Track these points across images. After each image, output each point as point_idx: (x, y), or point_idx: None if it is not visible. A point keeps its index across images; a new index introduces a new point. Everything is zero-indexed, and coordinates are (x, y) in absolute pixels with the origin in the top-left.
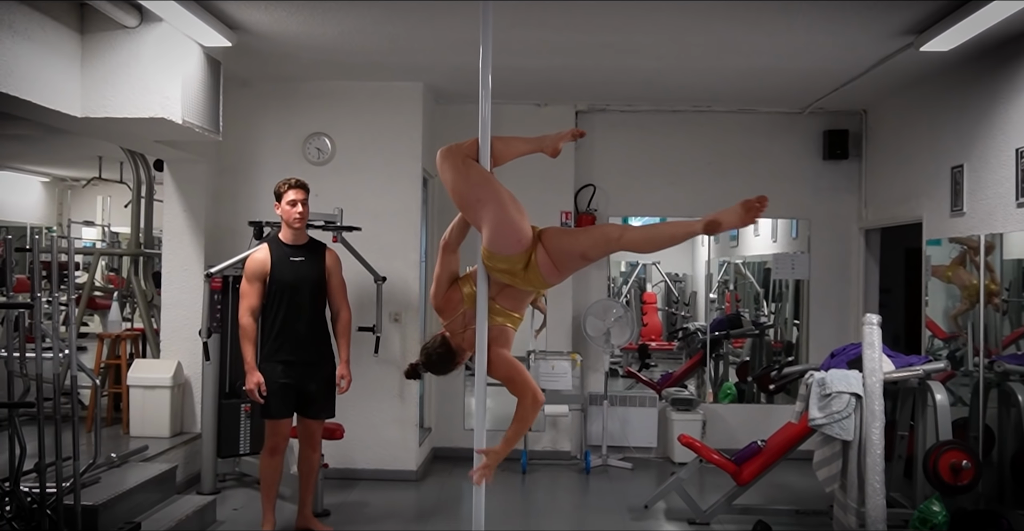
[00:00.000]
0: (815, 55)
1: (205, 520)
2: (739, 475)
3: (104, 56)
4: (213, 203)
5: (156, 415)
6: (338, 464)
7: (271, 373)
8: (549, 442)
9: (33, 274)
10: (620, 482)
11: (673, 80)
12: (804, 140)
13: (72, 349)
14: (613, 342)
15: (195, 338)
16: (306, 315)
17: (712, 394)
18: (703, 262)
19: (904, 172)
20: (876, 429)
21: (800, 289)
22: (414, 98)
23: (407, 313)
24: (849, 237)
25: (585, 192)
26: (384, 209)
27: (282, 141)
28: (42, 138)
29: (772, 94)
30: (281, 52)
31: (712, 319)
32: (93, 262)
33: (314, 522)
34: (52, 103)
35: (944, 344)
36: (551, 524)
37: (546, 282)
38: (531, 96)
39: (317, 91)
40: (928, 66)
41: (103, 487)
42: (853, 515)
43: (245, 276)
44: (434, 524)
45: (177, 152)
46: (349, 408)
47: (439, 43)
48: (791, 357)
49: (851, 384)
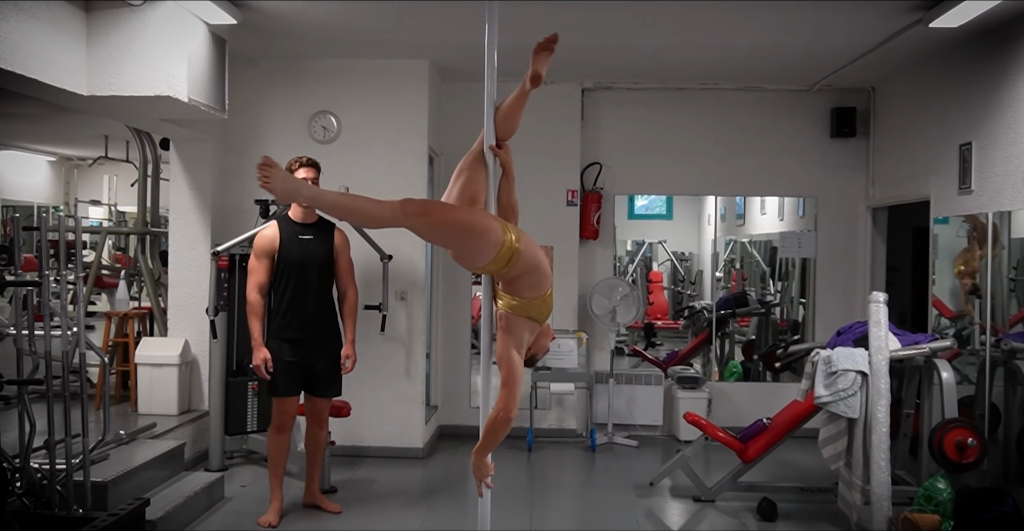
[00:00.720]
0: (823, 32)
1: (213, 496)
2: (744, 453)
3: (109, 34)
4: (219, 182)
5: (164, 393)
6: (345, 442)
7: (278, 351)
8: (555, 420)
9: (41, 253)
10: (625, 460)
11: (680, 58)
12: (811, 118)
13: (80, 327)
14: (619, 320)
15: (202, 316)
16: (314, 293)
17: (718, 372)
18: (709, 241)
19: (912, 150)
20: (882, 407)
21: (806, 268)
22: (420, 76)
23: (413, 291)
24: (856, 215)
25: (591, 170)
26: (390, 187)
27: (288, 119)
28: (48, 117)
29: (779, 72)
30: (287, 30)
31: (718, 298)
32: (100, 241)
33: (321, 499)
34: (58, 81)
35: (951, 323)
36: (557, 501)
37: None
38: None
39: (323, 69)
40: (937, 43)
41: (112, 464)
42: (858, 492)
43: (254, 253)
44: (440, 501)
45: (183, 131)
46: (356, 386)
47: (445, 21)
48: (797, 335)
49: (857, 362)
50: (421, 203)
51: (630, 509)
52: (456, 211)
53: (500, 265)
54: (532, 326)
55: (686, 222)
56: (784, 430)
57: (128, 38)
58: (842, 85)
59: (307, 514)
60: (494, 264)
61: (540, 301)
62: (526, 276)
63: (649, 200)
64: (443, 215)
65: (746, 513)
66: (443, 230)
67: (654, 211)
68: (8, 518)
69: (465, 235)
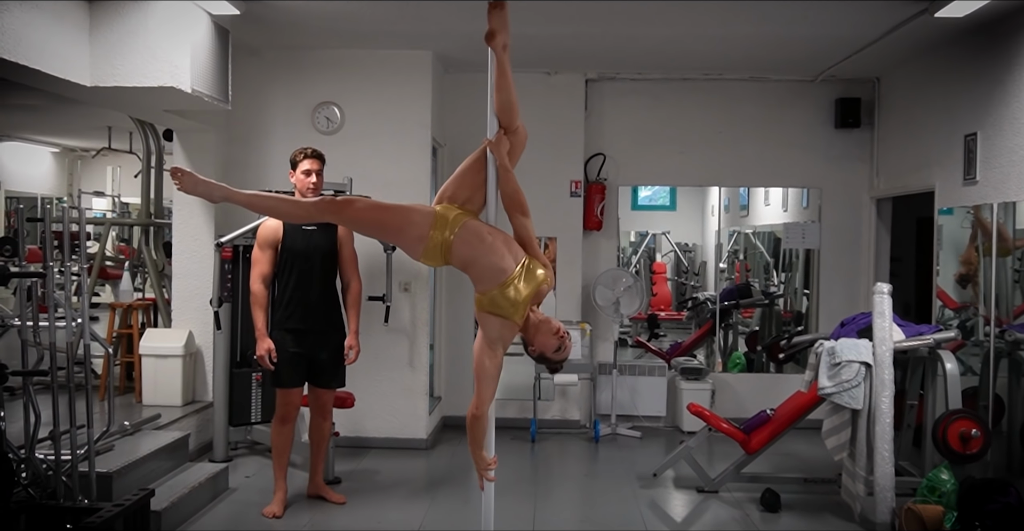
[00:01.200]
0: (828, 22)
1: (218, 487)
2: (748, 443)
3: (112, 24)
4: (223, 172)
5: (168, 384)
6: (349, 432)
7: (282, 342)
8: (558, 411)
9: (45, 244)
10: (629, 450)
11: (684, 48)
12: (816, 108)
13: (85, 318)
14: (622, 311)
15: (206, 307)
16: (317, 284)
17: (721, 363)
18: (713, 232)
19: (917, 140)
20: (886, 398)
21: (810, 259)
22: (423, 67)
23: (417, 282)
24: (860, 206)
25: (595, 161)
26: (393, 178)
27: (291, 110)
28: (51, 108)
29: (784, 62)
30: (289, 20)
31: (722, 289)
32: (104, 232)
33: (325, 489)
34: (61, 72)
35: (955, 314)
36: (560, 492)
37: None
38: (540, 64)
39: (326, 60)
40: (942, 33)
41: (117, 454)
42: (862, 483)
43: (257, 243)
44: (444, 492)
45: (186, 121)
46: (360, 377)
47: (448, 11)
48: (800, 327)
49: (861, 353)
50: (333, 201)
51: (633, 500)
52: (373, 208)
53: (435, 259)
54: (501, 322)
55: (689, 213)
56: (787, 421)
57: (131, 29)
58: (847, 75)
59: (311, 505)
60: (428, 258)
61: (499, 295)
62: (471, 269)
63: (652, 191)
64: (356, 212)
65: (749, 504)
66: (360, 225)
67: (657, 202)
68: (14, 509)
69: (380, 230)
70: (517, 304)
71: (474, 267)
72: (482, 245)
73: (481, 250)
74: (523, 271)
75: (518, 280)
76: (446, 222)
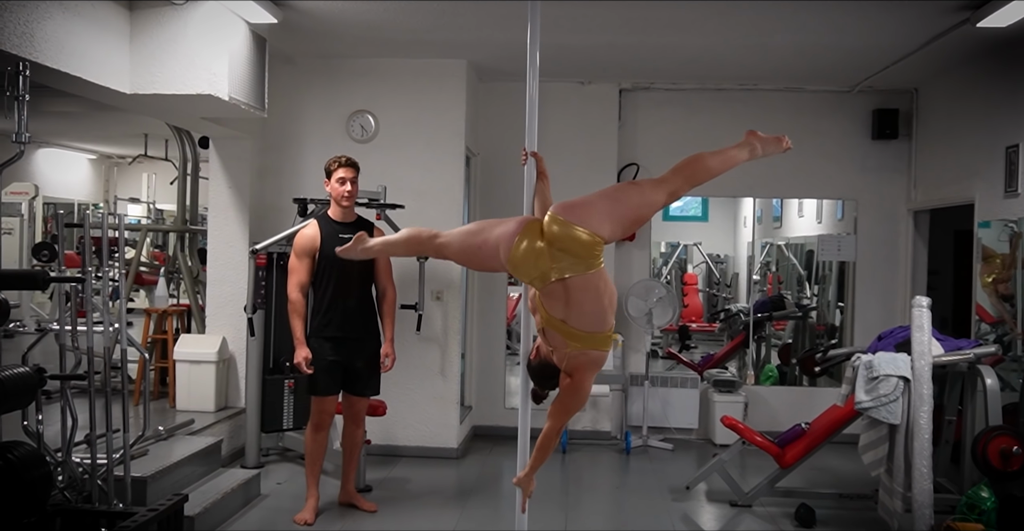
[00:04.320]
0: (866, 32)
1: (250, 493)
2: (782, 457)
3: (152, 32)
4: (258, 180)
5: (202, 389)
6: (380, 441)
7: (320, 350)
8: (589, 422)
9: (84, 249)
10: (660, 463)
11: (719, 58)
12: (852, 119)
13: (122, 323)
14: (655, 323)
15: (240, 314)
16: (354, 292)
17: (753, 376)
18: (745, 243)
19: (956, 152)
20: (924, 413)
21: (844, 271)
22: (458, 75)
23: (449, 291)
24: (897, 218)
25: (628, 171)
26: (427, 187)
27: (326, 118)
28: (89, 115)
29: (820, 72)
30: (326, 29)
31: (755, 301)
32: (140, 238)
33: (357, 497)
34: (102, 80)
35: (991, 328)
36: (591, 504)
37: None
38: (575, 74)
39: (361, 68)
40: (984, 43)
41: (151, 459)
42: (899, 499)
43: (294, 252)
44: (475, 502)
45: (222, 129)
46: (391, 385)
47: (484, 20)
48: (834, 340)
49: (899, 367)
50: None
51: (665, 513)
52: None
53: (527, 267)
54: (599, 354)
55: (721, 224)
56: (823, 435)
57: (170, 37)
58: (884, 86)
59: (343, 512)
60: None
61: (605, 339)
62: (584, 304)
63: (684, 202)
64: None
65: (784, 519)
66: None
67: (689, 213)
68: (50, 511)
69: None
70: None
71: (607, 294)
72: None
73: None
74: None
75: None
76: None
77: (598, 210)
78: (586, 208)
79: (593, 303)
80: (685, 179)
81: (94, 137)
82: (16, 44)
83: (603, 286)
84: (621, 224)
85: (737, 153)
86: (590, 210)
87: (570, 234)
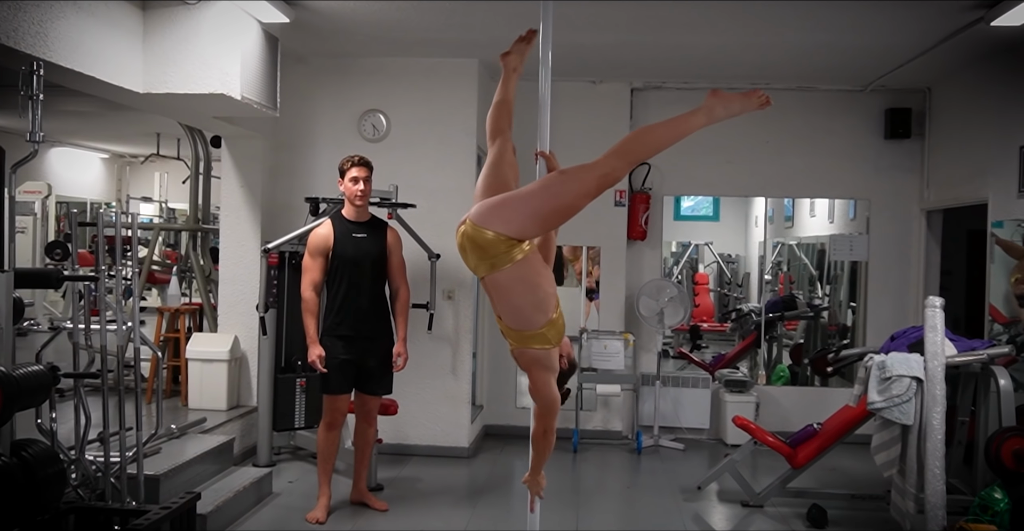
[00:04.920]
0: (879, 31)
1: (262, 491)
2: (794, 458)
3: (165, 31)
4: (269, 179)
5: (213, 388)
6: (391, 440)
7: (332, 349)
8: (600, 421)
9: (97, 248)
10: (672, 463)
11: (731, 57)
12: (865, 118)
13: (135, 322)
14: (666, 322)
15: (252, 313)
16: (367, 291)
17: (765, 376)
18: (756, 243)
19: (969, 152)
20: (937, 414)
21: (856, 271)
22: (469, 75)
23: (461, 290)
24: (910, 218)
25: (640, 170)
26: (438, 186)
27: (337, 117)
28: (102, 114)
29: (833, 72)
30: (337, 28)
31: (767, 300)
32: (152, 237)
33: (368, 496)
34: (115, 79)
35: (1004, 329)
36: (602, 504)
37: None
38: (586, 73)
39: (372, 67)
40: (998, 42)
41: (164, 457)
42: (911, 500)
43: (308, 251)
44: (486, 501)
45: (234, 128)
46: (403, 384)
47: (495, 19)
48: (846, 340)
49: (912, 368)
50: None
51: (677, 513)
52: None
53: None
54: (547, 353)
55: (732, 224)
56: (835, 435)
57: (183, 36)
58: (897, 85)
59: (354, 511)
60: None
61: (550, 330)
62: (515, 298)
63: (695, 201)
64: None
65: (795, 519)
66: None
67: (700, 212)
68: (63, 509)
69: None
70: (563, 328)
71: (534, 291)
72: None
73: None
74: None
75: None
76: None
77: (510, 206)
78: (497, 206)
79: (516, 300)
80: (622, 157)
81: (107, 136)
82: (30, 44)
83: (525, 285)
84: (539, 218)
85: (691, 119)
86: (500, 207)
87: (475, 233)
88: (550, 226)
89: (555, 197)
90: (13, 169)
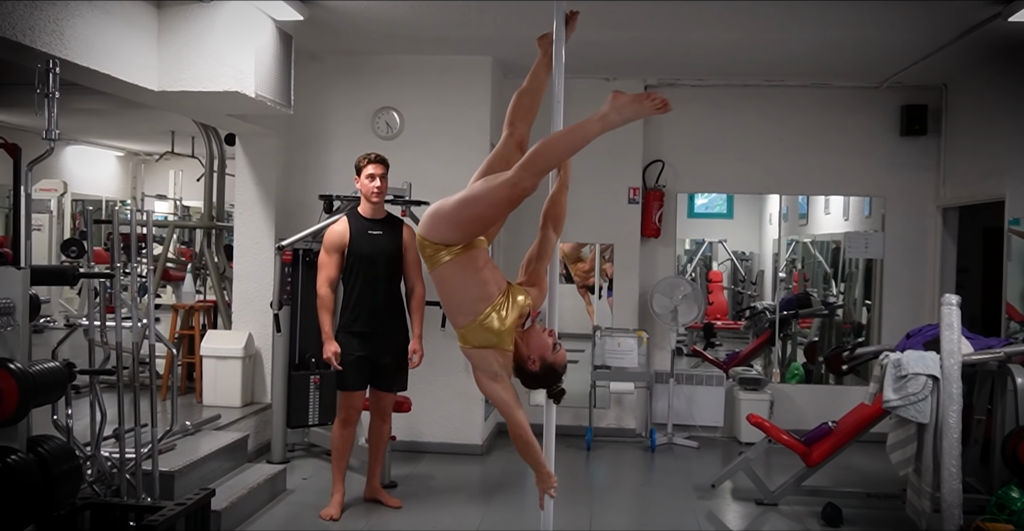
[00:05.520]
0: (895, 27)
1: (276, 488)
2: (809, 456)
3: (179, 29)
4: (284, 177)
5: (228, 385)
6: (405, 437)
7: (348, 346)
8: (614, 419)
9: (113, 245)
10: (686, 460)
11: (745, 54)
12: (880, 115)
13: (150, 319)
14: (680, 320)
15: (266, 310)
16: (382, 288)
17: (779, 374)
18: (771, 240)
19: (986, 148)
20: (953, 412)
21: (871, 269)
22: (483, 72)
23: None
24: (926, 215)
25: (654, 168)
26: (452, 184)
27: (351, 115)
28: (117, 112)
29: (848, 68)
30: (351, 26)
31: (781, 298)
32: (167, 235)
33: (382, 493)
34: (130, 77)
35: (1020, 327)
36: (616, 501)
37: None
38: (600, 70)
39: (386, 65)
40: (1015, 38)
41: (179, 454)
42: (927, 499)
43: (324, 247)
44: (499, 498)
45: (249, 126)
46: (416, 382)
47: (508, 17)
48: (861, 338)
49: (928, 366)
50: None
51: (691, 511)
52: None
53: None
54: (493, 353)
55: (747, 221)
56: (850, 434)
57: (198, 34)
58: (913, 82)
59: (368, 508)
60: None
61: (479, 327)
62: (455, 294)
63: (709, 199)
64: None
65: (810, 518)
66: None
67: (714, 210)
68: (79, 505)
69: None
70: (503, 332)
71: (457, 293)
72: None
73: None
74: (505, 299)
75: (500, 309)
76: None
77: (437, 214)
78: (432, 212)
79: (444, 298)
80: (528, 168)
81: (122, 134)
82: (46, 42)
83: (448, 286)
84: (457, 224)
85: (587, 127)
86: (431, 214)
87: (419, 235)
88: (472, 232)
89: (468, 206)
90: (29, 167)
